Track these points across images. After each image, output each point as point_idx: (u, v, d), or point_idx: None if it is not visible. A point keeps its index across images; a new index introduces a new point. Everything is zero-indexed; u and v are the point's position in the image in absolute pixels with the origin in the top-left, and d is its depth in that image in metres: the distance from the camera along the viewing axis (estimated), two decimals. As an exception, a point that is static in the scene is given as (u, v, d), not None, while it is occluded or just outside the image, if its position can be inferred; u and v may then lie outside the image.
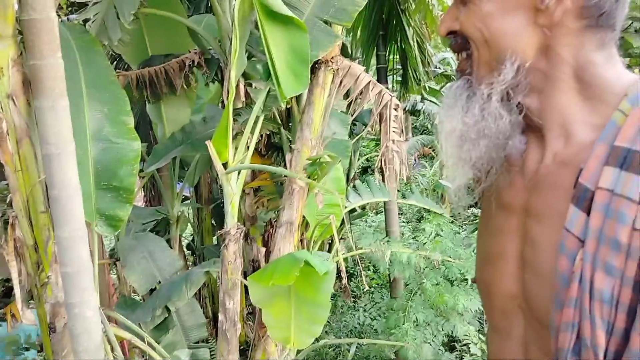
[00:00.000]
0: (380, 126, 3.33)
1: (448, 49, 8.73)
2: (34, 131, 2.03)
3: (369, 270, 6.59)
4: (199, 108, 4.31)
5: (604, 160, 0.66)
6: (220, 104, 4.57)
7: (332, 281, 2.37)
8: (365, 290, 6.04)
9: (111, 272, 4.74)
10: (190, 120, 3.88)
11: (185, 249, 5.36)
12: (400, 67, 5.36)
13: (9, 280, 3.38)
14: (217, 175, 4.71)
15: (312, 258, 2.31)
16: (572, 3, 0.71)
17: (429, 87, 8.20)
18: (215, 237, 5.28)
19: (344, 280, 3.42)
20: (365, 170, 10.85)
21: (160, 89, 3.59)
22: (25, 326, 3.85)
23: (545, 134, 0.77)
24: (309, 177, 2.98)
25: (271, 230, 4.22)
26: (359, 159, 7.90)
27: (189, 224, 5.56)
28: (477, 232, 0.91)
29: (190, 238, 6.28)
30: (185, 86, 3.64)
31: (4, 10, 1.95)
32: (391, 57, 5.47)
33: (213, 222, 5.28)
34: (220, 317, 2.62)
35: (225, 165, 2.75)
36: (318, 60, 3.00)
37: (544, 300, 0.72)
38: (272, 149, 4.10)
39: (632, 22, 3.85)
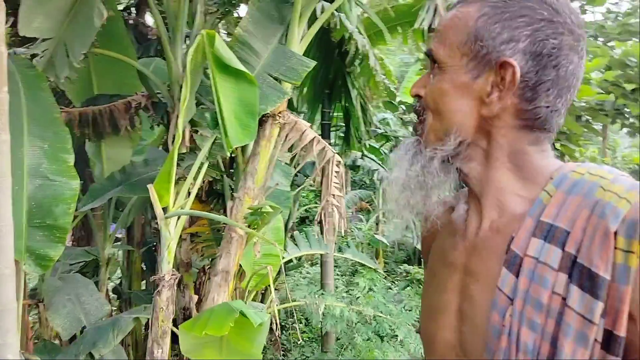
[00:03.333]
0: (322, 180, 3.43)
1: (388, 111, 9.13)
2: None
3: (300, 322, 6.55)
4: (141, 150, 4.27)
5: (532, 231, 0.79)
6: (162, 147, 4.55)
7: (265, 333, 2.38)
8: (296, 343, 5.98)
9: (30, 313, 4.48)
10: (130, 161, 3.84)
11: (110, 293, 5.15)
12: (344, 125, 5.57)
13: None
14: (152, 217, 4.62)
15: (247, 309, 2.32)
16: (512, 105, 0.84)
17: (369, 144, 8.49)
18: (144, 282, 5.11)
19: (276, 332, 3.39)
20: (303, 221, 10.90)
21: (104, 129, 3.54)
22: None
23: (482, 203, 0.89)
24: (248, 226, 3.01)
25: (204, 278, 4.16)
26: (298, 210, 7.97)
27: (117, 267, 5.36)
28: (409, 288, 1.00)
29: (117, 281, 6.04)
30: (129, 127, 3.62)
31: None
32: (335, 114, 5.69)
33: (143, 265, 5.13)
34: (147, 366, 2.55)
35: (165, 209, 2.73)
36: (266, 113, 3.09)
37: (478, 350, 0.82)
38: (212, 195, 4.10)
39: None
